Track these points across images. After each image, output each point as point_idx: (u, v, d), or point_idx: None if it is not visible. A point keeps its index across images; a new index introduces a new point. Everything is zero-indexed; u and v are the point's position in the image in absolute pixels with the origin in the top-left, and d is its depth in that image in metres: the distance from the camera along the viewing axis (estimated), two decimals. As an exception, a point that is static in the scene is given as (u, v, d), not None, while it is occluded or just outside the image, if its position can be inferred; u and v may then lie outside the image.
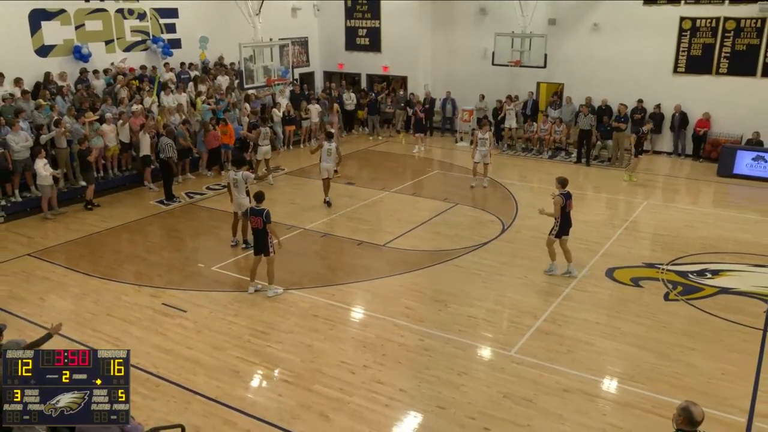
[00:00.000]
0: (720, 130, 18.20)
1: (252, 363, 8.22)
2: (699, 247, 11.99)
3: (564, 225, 10.57)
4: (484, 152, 15.50)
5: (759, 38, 17.38)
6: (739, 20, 17.53)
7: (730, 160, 16.91)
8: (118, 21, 17.56)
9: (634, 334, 8.86)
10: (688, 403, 4.69)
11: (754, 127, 17.22)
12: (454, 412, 7.15)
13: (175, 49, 18.87)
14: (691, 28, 18.19)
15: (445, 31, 22.04)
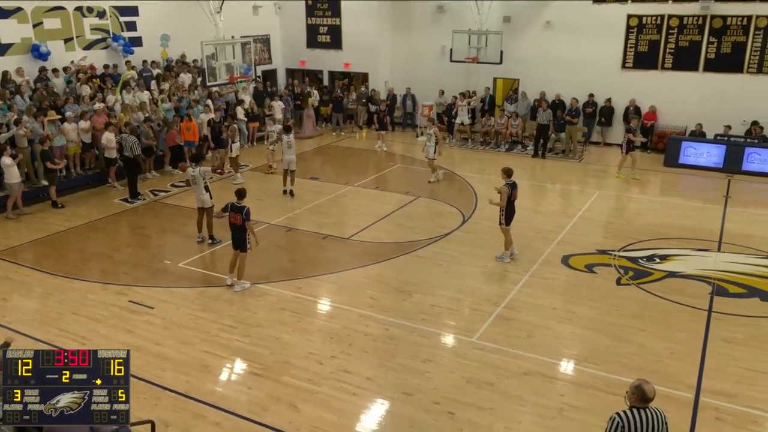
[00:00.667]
0: (666, 122, 18.68)
1: (221, 357, 8.13)
2: (648, 233, 12.31)
3: (509, 213, 10.74)
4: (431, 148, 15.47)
5: (700, 35, 17.87)
6: (682, 18, 17.99)
7: (675, 151, 17.39)
8: (77, 19, 17.04)
9: (589, 318, 9.06)
10: (640, 381, 4.82)
11: (697, 119, 17.74)
12: (419, 398, 7.21)
13: (136, 47, 18.41)
14: (637, 26, 18.59)
15: (404, 29, 22.04)
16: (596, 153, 18.95)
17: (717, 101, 17.72)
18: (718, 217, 13.31)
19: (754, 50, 17.34)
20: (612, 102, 19.15)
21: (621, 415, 4.70)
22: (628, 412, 4.72)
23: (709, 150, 17.05)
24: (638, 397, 4.74)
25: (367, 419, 6.94)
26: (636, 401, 4.75)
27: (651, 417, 4.69)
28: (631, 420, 4.65)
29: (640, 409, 4.70)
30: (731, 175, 16.49)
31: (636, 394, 4.74)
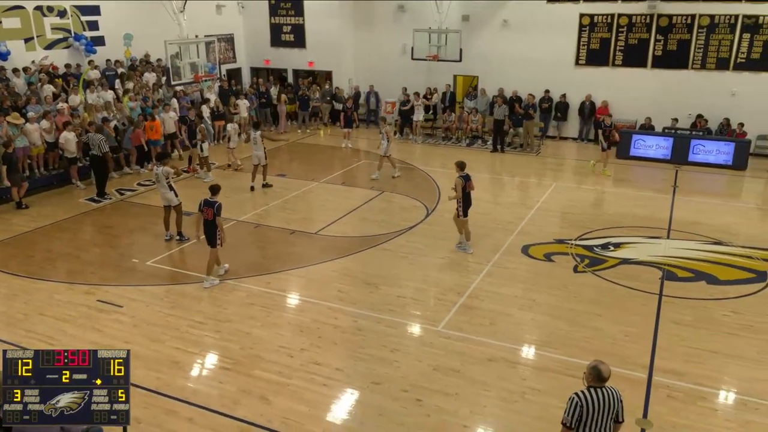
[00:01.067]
0: (617, 117, 19.09)
1: (191, 353, 8.01)
2: (602, 222, 12.57)
3: (466, 204, 10.91)
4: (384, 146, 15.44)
5: (648, 33, 18.30)
6: (631, 16, 18.40)
7: (626, 144, 17.78)
8: (38, 18, 16.48)
9: (548, 305, 9.22)
10: (597, 362, 4.95)
11: (646, 113, 18.19)
12: (388, 387, 7.24)
13: (99, 46, 17.91)
14: (589, 24, 18.93)
15: (366, 27, 21.98)
16: (552, 147, 19.27)
17: (664, 96, 18.21)
18: (667, 206, 13.68)
19: (698, 47, 17.85)
20: (567, 98, 19.50)
21: (579, 395, 4.83)
22: (586, 392, 4.86)
23: (658, 142, 17.50)
24: (594, 377, 4.87)
25: (337, 409, 6.94)
26: (593, 381, 4.88)
27: (607, 395, 4.84)
28: (589, 399, 4.79)
29: (597, 389, 4.85)
30: (678, 166, 16.97)
31: (592, 374, 4.88)
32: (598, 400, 4.79)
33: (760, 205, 14.24)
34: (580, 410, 4.78)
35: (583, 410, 4.77)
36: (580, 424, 4.81)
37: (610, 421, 4.85)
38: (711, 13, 17.47)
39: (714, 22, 17.51)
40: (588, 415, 4.77)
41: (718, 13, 17.40)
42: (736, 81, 17.57)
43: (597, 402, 4.78)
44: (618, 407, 4.89)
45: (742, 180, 16.03)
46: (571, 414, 4.80)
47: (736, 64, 17.53)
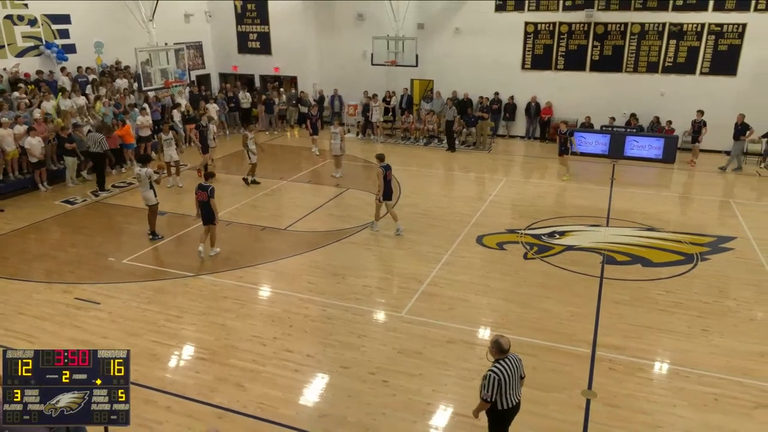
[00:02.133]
0: (560, 116, 19.44)
1: (168, 345, 7.85)
2: (548, 213, 12.81)
3: (386, 191, 11.39)
4: (336, 145, 15.37)
5: (586, 39, 18.69)
6: (571, 24, 18.75)
7: (568, 141, 18.12)
8: (8, 27, 15.78)
9: (502, 289, 9.36)
10: (497, 336, 5.28)
11: (586, 113, 18.60)
12: (356, 370, 7.24)
13: (70, 53, 17.28)
14: (534, 32, 19.22)
15: (329, 34, 21.82)
16: (503, 144, 19.53)
17: (602, 97, 18.65)
18: (606, 196, 14.03)
19: (630, 52, 18.33)
20: (514, 99, 19.77)
21: (494, 371, 5.11)
22: (497, 365, 5.15)
23: (597, 139, 17.90)
24: (497, 350, 5.20)
25: (309, 393, 6.90)
26: (496, 353, 5.20)
27: (512, 362, 5.21)
28: (502, 370, 5.12)
29: (504, 360, 5.18)
30: (615, 160, 17.42)
31: (495, 347, 5.20)
32: (508, 368, 5.15)
33: (687, 195, 14.75)
34: (499, 383, 5.08)
35: (501, 382, 5.09)
36: (499, 393, 5.12)
37: (517, 381, 5.27)
38: (642, 21, 17.95)
39: (644, 29, 17.99)
40: (504, 383, 5.12)
41: (648, 21, 17.90)
42: (664, 83, 18.11)
43: (508, 370, 5.15)
44: (521, 368, 5.30)
45: (671, 172, 16.56)
46: (491, 389, 5.09)
47: (665, 67, 18.07)
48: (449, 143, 18.75)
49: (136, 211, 13.05)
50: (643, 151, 17.43)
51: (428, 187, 14.90)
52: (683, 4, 17.35)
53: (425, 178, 15.59)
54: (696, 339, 7.96)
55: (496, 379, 5.07)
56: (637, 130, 17.77)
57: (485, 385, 5.11)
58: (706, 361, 7.45)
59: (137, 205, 13.38)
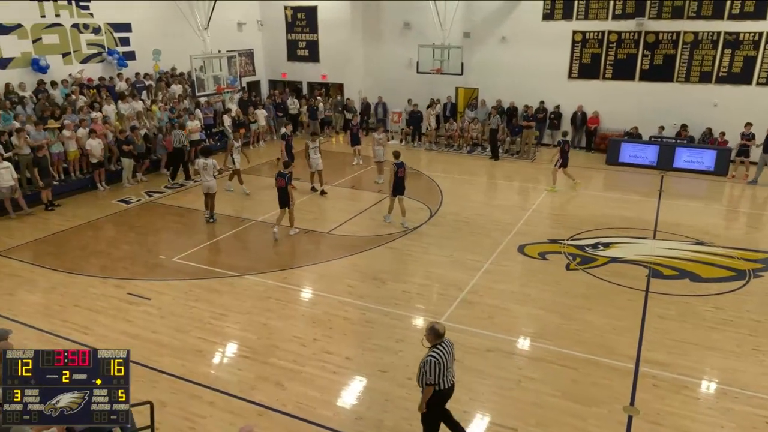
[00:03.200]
0: (607, 126, 19.02)
1: (213, 342, 8.04)
2: (593, 224, 12.51)
3: (396, 186, 11.99)
4: (379, 151, 15.35)
5: (636, 48, 18.21)
6: (620, 33, 18.31)
7: (615, 151, 17.71)
8: (74, 35, 16.61)
9: (542, 300, 9.18)
10: (432, 323, 5.49)
11: (634, 123, 18.09)
12: (393, 375, 7.23)
13: (130, 60, 18.04)
14: (581, 40, 18.86)
15: (375, 43, 22.00)
16: (547, 154, 19.18)
17: (651, 107, 18.11)
18: (653, 208, 13.60)
19: (683, 62, 17.74)
20: (560, 108, 19.43)
21: (434, 355, 5.35)
22: (435, 350, 5.39)
23: (645, 150, 17.40)
24: (434, 336, 5.42)
25: (347, 395, 6.94)
26: (433, 339, 5.42)
27: (448, 347, 5.50)
28: (440, 354, 5.38)
29: (440, 344, 5.43)
30: (664, 171, 16.87)
31: (432, 334, 5.42)
32: (445, 352, 5.43)
33: (739, 208, 14.14)
34: (439, 367, 5.34)
35: (441, 365, 5.35)
36: (440, 377, 5.39)
37: (452, 363, 5.57)
38: (695, 30, 17.36)
39: (698, 38, 17.39)
40: (444, 366, 5.40)
41: (701, 30, 17.29)
42: (717, 93, 17.44)
43: (445, 354, 5.43)
44: (453, 351, 5.60)
45: (723, 185, 15.91)
46: (435, 374, 5.33)
47: (718, 77, 17.41)
48: (493, 151, 18.57)
49: (187, 211, 13.47)
50: (693, 163, 16.82)
51: (470, 195, 14.79)
52: (739, 12, 16.70)
53: (467, 186, 15.49)
54: (746, 358, 7.61)
55: (436, 363, 5.32)
56: (687, 142, 17.17)
57: (427, 370, 5.32)
58: (756, 381, 7.11)
59: (188, 205, 13.83)
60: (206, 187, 12.42)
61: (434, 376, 5.32)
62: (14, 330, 7.85)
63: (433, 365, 5.30)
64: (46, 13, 15.80)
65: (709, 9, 17.03)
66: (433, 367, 5.31)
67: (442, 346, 5.43)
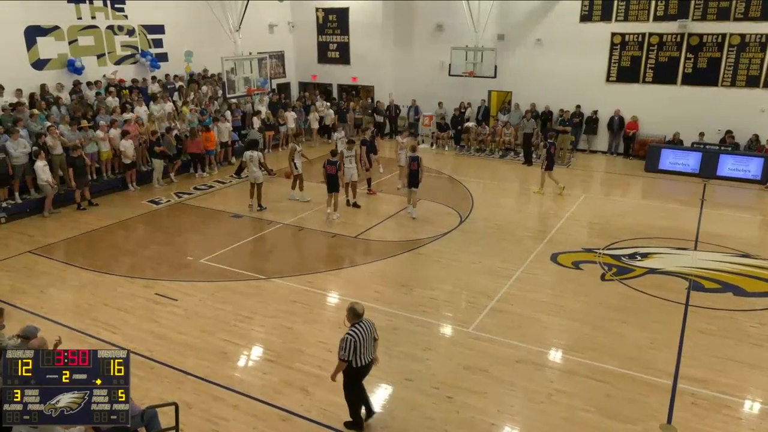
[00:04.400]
0: (646, 132, 18.64)
1: (238, 345, 8.14)
2: (630, 233, 12.26)
3: (411, 179, 12.78)
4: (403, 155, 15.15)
5: (679, 51, 17.82)
6: (662, 35, 17.94)
7: (655, 158, 17.33)
8: (109, 37, 17.11)
9: (575, 311, 9.03)
10: (352, 303, 5.97)
11: (675, 129, 17.68)
12: (420, 383, 7.20)
13: (162, 62, 18.47)
14: (620, 43, 18.55)
15: (407, 45, 22.05)
16: (583, 159, 18.92)
17: (693, 112, 17.67)
18: (695, 218, 13.25)
19: (728, 65, 17.29)
20: (597, 113, 19.13)
21: (351, 333, 5.81)
22: (353, 329, 5.84)
23: (687, 157, 16.98)
24: (353, 315, 5.89)
25: (372, 402, 6.92)
26: (352, 318, 5.90)
27: (366, 326, 5.94)
28: (358, 333, 5.84)
29: (359, 324, 5.89)
30: (706, 179, 16.43)
31: (351, 313, 5.90)
32: (363, 332, 5.88)
33: (788, 220, 13.67)
34: (354, 344, 5.80)
35: (357, 344, 5.81)
36: (355, 353, 5.85)
37: (371, 342, 5.99)
38: (742, 32, 16.90)
39: (744, 41, 16.92)
40: (360, 345, 5.84)
41: (749, 32, 16.83)
42: (766, 98, 16.91)
43: (363, 333, 5.87)
44: (374, 331, 6.04)
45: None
46: (348, 350, 5.81)
47: (767, 81, 16.89)
48: (526, 156, 18.38)
49: (216, 213, 13.69)
50: (738, 171, 16.34)
51: (502, 200, 14.66)
52: (791, 13, 16.20)
53: (499, 192, 15.36)
54: (793, 378, 7.34)
55: (352, 341, 5.80)
56: (732, 148, 16.69)
57: (343, 347, 5.81)
58: (804, 403, 6.84)
59: (217, 207, 14.06)
60: (253, 178, 13.40)
61: (348, 352, 5.82)
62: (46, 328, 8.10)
63: (348, 342, 5.80)
64: (83, 15, 16.30)
65: (758, 10, 16.56)
66: (349, 344, 5.80)
67: (361, 325, 5.90)
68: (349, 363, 5.92)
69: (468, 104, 20.72)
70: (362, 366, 5.98)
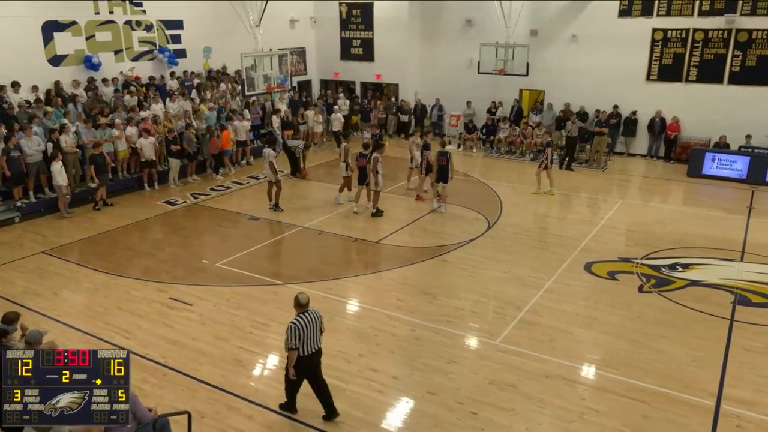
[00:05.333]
0: (689, 134, 18.30)
1: (253, 353, 8.21)
2: (670, 242, 12.04)
3: (440, 174, 13.39)
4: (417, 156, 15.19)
5: (725, 48, 17.47)
6: (707, 31, 17.62)
7: (699, 162, 17.01)
8: (127, 32, 17.45)
9: (610, 324, 8.90)
10: (297, 293, 6.47)
11: (721, 131, 17.31)
12: (443, 398, 7.16)
13: (180, 58, 18.78)
14: (662, 39, 18.27)
15: (433, 41, 22.04)
16: (620, 163, 18.65)
17: (741, 113, 17.28)
18: (741, 227, 12.96)
19: (780, 63, 16.89)
20: (637, 113, 18.85)
21: (295, 322, 6.28)
22: (297, 318, 6.31)
23: (733, 161, 16.62)
24: (296, 305, 6.41)
25: (392, 417, 6.92)
26: (297, 309, 6.39)
27: (312, 316, 6.41)
28: (302, 322, 6.30)
29: (304, 313, 6.37)
30: (755, 186, 16.06)
31: (295, 303, 6.42)
32: (308, 321, 6.34)
33: None
34: (300, 332, 6.25)
35: (301, 332, 6.26)
36: (301, 343, 6.29)
37: (317, 334, 6.46)
38: (795, 27, 16.51)
39: (798, 37, 16.53)
40: (304, 334, 6.30)
41: (803, 27, 16.44)
42: (821, 99, 16.51)
43: (308, 322, 6.33)
44: (320, 322, 6.51)
45: (826, 203, 14.99)
46: (294, 338, 6.24)
47: (822, 81, 16.48)
48: (569, 161, 17.90)
49: (232, 215, 13.85)
50: (791, 177, 15.94)
51: (532, 206, 14.53)
52: None
53: (529, 196, 15.22)
54: None
55: (296, 329, 6.25)
56: (784, 153, 16.29)
57: (288, 337, 6.25)
58: None
59: (233, 209, 14.22)
60: (266, 174, 13.81)
61: (294, 341, 6.24)
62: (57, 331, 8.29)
63: (292, 331, 6.24)
64: (100, 10, 16.67)
65: (814, 4, 16.17)
66: (293, 332, 6.23)
67: (306, 315, 6.36)
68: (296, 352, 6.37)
69: (499, 103, 20.60)
70: (307, 355, 6.39)
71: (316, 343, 6.45)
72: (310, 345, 6.38)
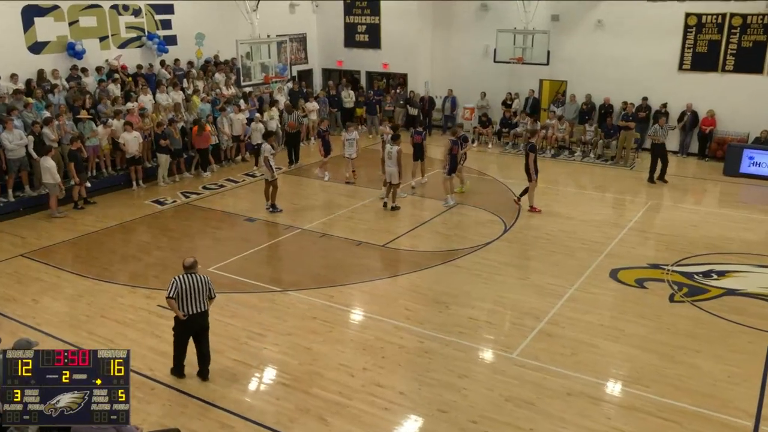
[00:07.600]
0: (726, 129, 18.23)
1: (249, 366, 8.23)
2: (704, 247, 12.00)
3: (452, 165, 13.90)
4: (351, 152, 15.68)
5: (766, 35, 17.39)
6: (746, 16, 17.55)
7: (736, 159, 16.93)
8: (113, 17, 17.52)
9: (639, 336, 8.87)
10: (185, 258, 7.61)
11: (762, 126, 17.23)
12: (455, 416, 7.16)
13: (171, 46, 18.83)
14: (696, 25, 18.21)
15: (446, 28, 22.06)
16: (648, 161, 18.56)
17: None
18: (783, 231, 12.91)
19: (826, 52, 16.80)
20: (668, 106, 18.78)
21: (177, 278, 7.38)
22: (181, 276, 7.38)
23: (775, 159, 16.56)
24: (183, 267, 7.45)
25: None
26: (183, 269, 7.43)
27: (196, 279, 7.43)
28: (183, 280, 7.36)
29: (187, 275, 7.39)
30: (798, 186, 16.00)
31: (183, 265, 7.46)
32: (190, 282, 7.36)
33: None
34: (177, 287, 7.30)
35: (179, 288, 7.30)
36: (182, 300, 7.33)
37: (204, 298, 7.48)
38: (843, 12, 16.43)
39: None
40: (184, 292, 7.32)
41: None
42: None
43: (189, 283, 7.36)
44: (206, 288, 7.49)
45: None
46: (172, 290, 7.31)
47: None
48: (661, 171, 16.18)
49: (226, 215, 13.91)
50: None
51: (553, 207, 14.50)
52: None
53: (550, 196, 15.18)
54: None
55: (174, 283, 7.32)
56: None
57: (169, 288, 7.33)
58: None
59: (227, 209, 14.27)
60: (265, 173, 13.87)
61: (172, 291, 7.30)
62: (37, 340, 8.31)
63: (172, 284, 7.34)
64: (85, -8, 16.77)
65: None
66: (172, 286, 7.32)
67: (190, 276, 7.38)
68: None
69: (516, 95, 20.58)
70: (188, 315, 7.37)
71: (200, 305, 7.44)
72: (192, 305, 7.38)
